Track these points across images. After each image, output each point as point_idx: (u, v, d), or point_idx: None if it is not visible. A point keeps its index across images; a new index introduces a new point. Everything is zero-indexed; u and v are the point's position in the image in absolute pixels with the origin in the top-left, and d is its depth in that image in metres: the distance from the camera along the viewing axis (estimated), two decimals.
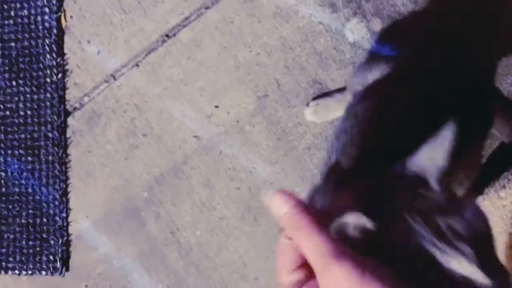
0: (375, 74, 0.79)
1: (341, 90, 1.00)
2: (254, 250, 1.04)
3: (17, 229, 1.12)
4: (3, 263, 1.12)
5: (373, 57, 0.90)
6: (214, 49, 1.06)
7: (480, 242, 0.35)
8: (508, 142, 0.88)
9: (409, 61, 0.83)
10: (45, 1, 1.11)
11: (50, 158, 1.10)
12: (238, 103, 1.05)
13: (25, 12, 1.12)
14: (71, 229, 1.12)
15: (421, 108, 0.69)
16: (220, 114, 1.06)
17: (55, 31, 1.10)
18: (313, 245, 0.29)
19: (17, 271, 1.11)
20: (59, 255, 1.09)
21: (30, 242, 1.11)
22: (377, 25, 0.99)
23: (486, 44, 0.94)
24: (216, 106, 1.06)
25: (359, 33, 1.00)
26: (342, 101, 0.97)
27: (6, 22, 1.13)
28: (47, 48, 1.10)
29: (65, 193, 1.12)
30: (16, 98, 1.12)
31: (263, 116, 1.04)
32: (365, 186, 0.44)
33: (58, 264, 1.09)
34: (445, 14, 0.95)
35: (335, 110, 0.99)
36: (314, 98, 1.00)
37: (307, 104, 1.00)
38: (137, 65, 1.09)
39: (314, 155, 1.03)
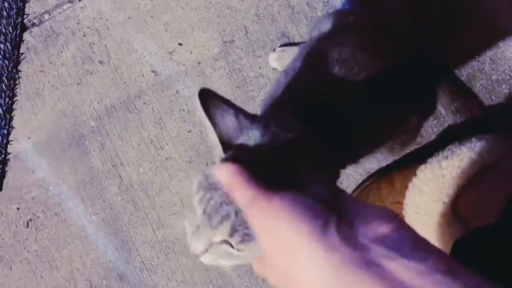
0: (332, 23, 0.78)
1: None
2: None
3: None
4: None
5: (337, 10, 0.89)
6: None
7: None
8: (454, 123, 0.89)
9: (372, 18, 0.82)
10: None
11: None
12: (202, 44, 1.03)
13: None
14: (10, 148, 1.07)
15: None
16: (182, 53, 1.03)
17: None
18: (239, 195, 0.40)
19: None
20: None
21: None
22: None
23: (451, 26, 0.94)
24: (180, 44, 1.03)
25: None
26: None
27: None
28: None
29: (9, 110, 1.07)
30: None
31: (226, 62, 1.02)
32: None
33: None
34: None
35: None
36: (281, 46, 0.98)
37: (273, 50, 0.98)
38: None
39: None
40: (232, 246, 0.42)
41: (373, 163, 0.83)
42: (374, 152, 0.70)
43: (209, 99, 0.45)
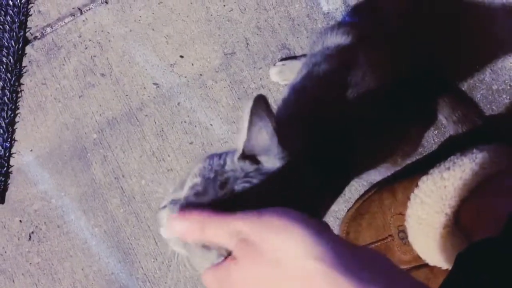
0: (338, 38, 0.78)
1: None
2: None
3: None
4: None
5: (340, 24, 0.89)
6: None
7: None
8: (455, 133, 0.89)
9: (373, 29, 0.83)
10: None
11: (1, 83, 1.06)
12: (204, 57, 1.03)
13: None
14: (12, 161, 1.08)
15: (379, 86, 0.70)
16: (184, 65, 1.04)
17: None
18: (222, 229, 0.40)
19: None
20: None
21: None
22: None
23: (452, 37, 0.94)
24: (181, 56, 1.04)
25: (334, 4, 0.99)
26: None
27: None
28: None
29: (12, 123, 1.07)
30: None
31: (227, 74, 1.02)
32: None
33: None
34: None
35: None
36: (281, 60, 0.99)
37: (274, 64, 0.99)
38: (106, 2, 1.05)
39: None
40: None
41: (375, 174, 0.84)
42: (377, 167, 0.70)
43: (259, 108, 0.45)
